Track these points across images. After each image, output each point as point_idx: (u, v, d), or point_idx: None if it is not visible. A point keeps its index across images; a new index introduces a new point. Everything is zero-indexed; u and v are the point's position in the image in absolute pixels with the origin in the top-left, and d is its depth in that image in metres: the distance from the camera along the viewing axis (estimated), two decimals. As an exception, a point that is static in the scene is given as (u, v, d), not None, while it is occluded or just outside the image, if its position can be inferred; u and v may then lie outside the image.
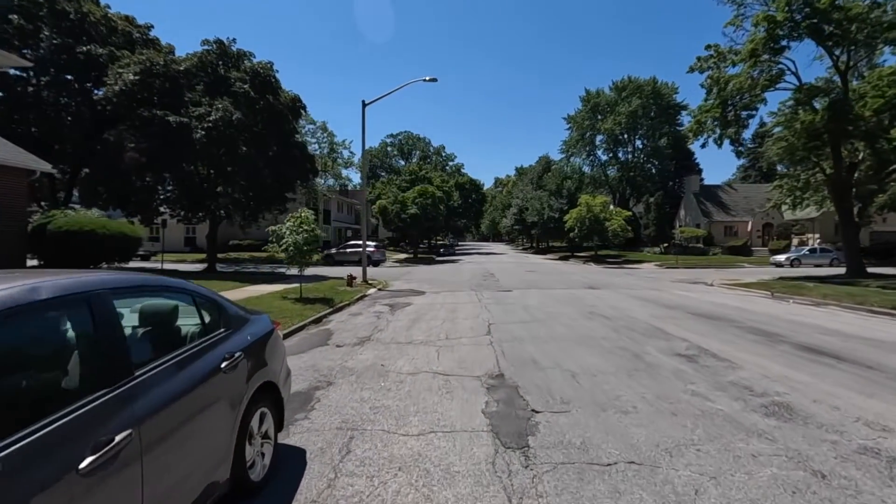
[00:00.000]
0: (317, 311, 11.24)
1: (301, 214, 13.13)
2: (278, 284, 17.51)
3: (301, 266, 13.07)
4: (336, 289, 16.39)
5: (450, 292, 16.38)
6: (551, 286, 18.57)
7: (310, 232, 12.91)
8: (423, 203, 42.32)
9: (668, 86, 60.64)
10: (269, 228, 13.13)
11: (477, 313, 11.23)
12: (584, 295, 15.32)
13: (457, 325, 9.66)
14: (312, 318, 10.46)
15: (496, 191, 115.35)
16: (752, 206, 53.71)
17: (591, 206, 41.94)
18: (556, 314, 10.96)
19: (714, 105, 23.19)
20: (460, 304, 12.96)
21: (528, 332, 8.78)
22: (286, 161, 23.12)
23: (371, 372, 6.07)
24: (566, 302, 13.41)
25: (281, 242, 12.71)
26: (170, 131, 19.23)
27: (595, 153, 67.01)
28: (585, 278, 22.97)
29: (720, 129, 23.74)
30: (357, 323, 10.28)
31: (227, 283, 17.08)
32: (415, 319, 10.49)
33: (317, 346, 7.93)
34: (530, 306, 12.44)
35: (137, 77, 19.66)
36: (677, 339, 8.05)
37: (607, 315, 10.76)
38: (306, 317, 10.44)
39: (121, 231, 14.93)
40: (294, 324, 9.54)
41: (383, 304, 13.41)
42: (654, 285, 19.53)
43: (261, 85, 22.80)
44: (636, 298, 14.33)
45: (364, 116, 19.10)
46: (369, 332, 9.13)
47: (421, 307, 12.55)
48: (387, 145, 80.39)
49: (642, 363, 6.39)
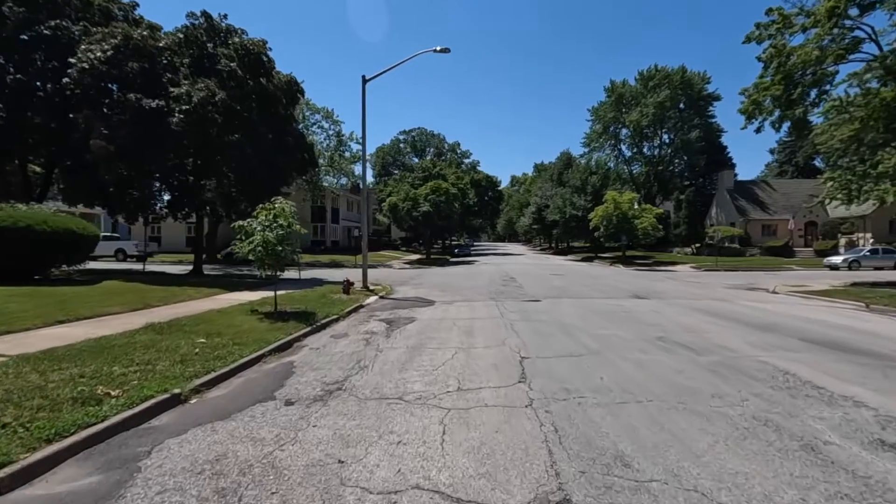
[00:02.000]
0: (287, 332, 8.42)
1: (276, 205, 10.34)
2: (263, 291, 14.81)
3: (273, 270, 10.27)
4: (328, 297, 13.61)
5: (465, 302, 13.45)
6: (586, 294, 15.48)
7: (286, 228, 10.12)
8: (436, 200, 39.42)
9: (698, 75, 56.64)
10: (236, 224, 10.38)
11: (501, 337, 8.27)
12: (632, 307, 12.21)
13: (474, 359, 6.72)
14: (277, 344, 7.64)
15: (513, 189, 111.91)
16: (791, 204, 49.62)
17: (619, 203, 38.54)
18: (612, 340, 7.92)
19: (775, 81, 19.77)
20: (478, 321, 10.00)
21: (582, 376, 5.79)
22: (280, 150, 20.45)
23: (313, 489, 3.17)
24: (615, 318, 10.34)
25: (249, 241, 9.95)
26: (144, 116, 16.70)
27: (619, 147, 63.33)
28: (622, 284, 19.78)
29: (781, 109, 20.31)
30: (336, 352, 7.42)
31: (203, 289, 14.44)
32: (415, 347, 7.58)
33: (257, 400, 5.08)
34: (570, 325, 9.41)
35: (109, 54, 17.19)
36: (837, 397, 4.93)
37: (686, 343, 7.68)
38: (268, 342, 7.63)
39: (67, 228, 12.36)
40: (244, 355, 6.72)
41: (380, 320, 10.54)
42: (710, 293, 16.30)
43: (252, 64, 20.18)
44: (704, 313, 11.18)
45: (364, 94, 16.32)
46: (346, 370, 6.25)
47: (426, 326, 9.64)
48: (399, 142, 77.71)
49: (840, 474, 3.33)
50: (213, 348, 6.91)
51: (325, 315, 10.53)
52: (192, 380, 5.53)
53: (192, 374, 5.70)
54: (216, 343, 7.24)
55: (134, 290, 12.68)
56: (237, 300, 12.48)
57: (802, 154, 61.20)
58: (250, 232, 10.11)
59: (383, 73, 16.46)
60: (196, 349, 6.76)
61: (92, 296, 11.29)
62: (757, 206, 50.24)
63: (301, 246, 22.85)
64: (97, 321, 8.87)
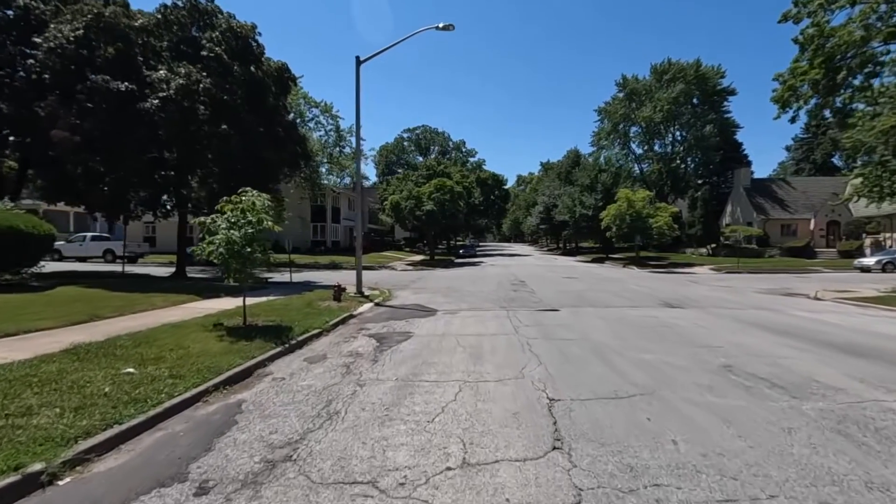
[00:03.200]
0: (248, 356, 6.67)
1: (243, 198, 8.60)
2: (241, 298, 13.10)
3: (241, 277, 8.51)
4: (314, 305, 11.87)
5: (471, 311, 11.65)
6: (609, 301, 13.63)
7: (256, 225, 8.38)
8: (440, 199, 37.61)
9: (713, 69, 54.46)
10: (197, 220, 8.65)
11: (518, 364, 6.47)
12: (669, 319, 10.34)
13: (485, 402, 4.92)
14: (229, 374, 5.90)
15: (519, 189, 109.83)
16: (812, 202, 47.45)
17: (633, 201, 36.54)
18: (664, 370, 6.09)
19: (814, 65, 17.82)
20: (487, 339, 8.20)
21: (646, 437, 3.97)
22: (270, 143, 18.75)
23: None
24: (655, 335, 8.51)
25: (209, 241, 8.22)
26: (114, 102, 15.07)
27: (629, 145, 61.21)
28: (645, 288, 17.90)
29: (820, 95, 18.35)
30: (303, 386, 5.66)
31: (174, 295, 12.70)
32: (407, 379, 5.80)
33: (159, 481, 3.33)
34: (603, 346, 7.59)
35: (79, 34, 15.57)
36: None
37: (766, 376, 5.80)
38: (219, 370, 5.90)
39: (11, 226, 10.70)
40: (176, 394, 4.99)
41: (369, 336, 8.78)
42: (747, 300, 14.40)
43: (239, 50, 18.53)
44: (761, 328, 9.31)
45: (358, 76, 14.56)
46: (308, 419, 4.49)
47: (424, 345, 7.85)
48: (403, 140, 75.98)
49: None
50: (136, 384, 5.18)
51: (305, 329, 8.78)
52: (77, 442, 3.79)
53: (83, 431, 3.96)
54: (145, 375, 5.50)
55: (88, 298, 11.01)
56: (208, 309, 10.76)
57: (821, 151, 58.86)
58: (214, 231, 8.39)
59: (379, 53, 14.73)
60: (109, 387, 5.01)
61: (32, 306, 9.62)
62: (776, 205, 48.07)
63: (292, 246, 21.31)
64: (15, 340, 7.17)
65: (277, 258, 27.80)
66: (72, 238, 31.89)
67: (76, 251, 30.50)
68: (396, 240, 65.04)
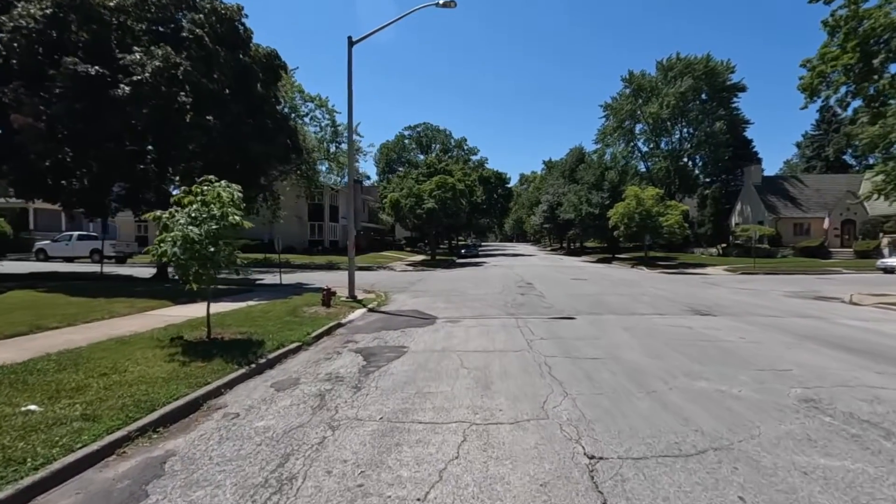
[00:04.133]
0: (199, 382, 5.32)
1: (204, 188, 7.24)
2: (228, 303, 11.81)
3: (203, 282, 7.13)
4: (298, 312, 10.52)
5: (475, 320, 10.27)
6: (630, 308, 12.23)
7: (220, 220, 7.02)
8: (441, 196, 36.20)
9: (722, 64, 52.85)
10: (151, 215, 7.30)
11: (539, 396, 5.08)
12: (706, 330, 8.92)
13: (498, 463, 3.55)
14: (167, 410, 4.55)
15: (521, 188, 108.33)
16: (825, 200, 45.95)
17: (642, 200, 35.10)
18: (730, 405, 4.69)
19: (847, 49, 16.38)
20: (496, 358, 6.81)
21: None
22: (257, 134, 17.39)
23: None
24: (698, 352, 7.11)
25: (160, 238, 6.86)
26: (83, 87, 13.74)
27: (635, 143, 59.65)
28: (664, 292, 16.49)
29: (854, 83, 16.91)
30: (257, 431, 4.28)
31: (142, 300, 11.40)
32: (395, 420, 4.42)
33: None
34: (639, 367, 6.20)
35: (48, 12, 14.25)
36: None
37: (871, 419, 4.33)
38: (153, 406, 4.54)
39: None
40: (78, 446, 3.64)
41: (356, 351, 7.41)
42: (780, 305, 13.00)
43: (224, 33, 17.18)
44: (819, 342, 7.89)
45: (350, 58, 13.20)
46: (249, 494, 3.12)
47: (420, 365, 6.48)
48: (404, 138, 74.57)
49: None
50: (28, 429, 3.84)
51: (280, 343, 7.42)
52: None
53: None
54: (48, 415, 4.16)
55: (39, 305, 9.67)
56: (175, 318, 9.41)
57: (833, 147, 57.23)
58: (170, 227, 7.03)
59: (374, 32, 13.35)
60: (-19, 439, 3.66)
61: (-35, 314, 8.29)
62: (788, 203, 46.56)
63: (282, 246, 19.94)
64: (-86, 361, 5.82)
65: (273, 258, 26.49)
66: (58, 237, 30.63)
67: (62, 251, 29.25)
68: (397, 239, 63.72)
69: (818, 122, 63.70)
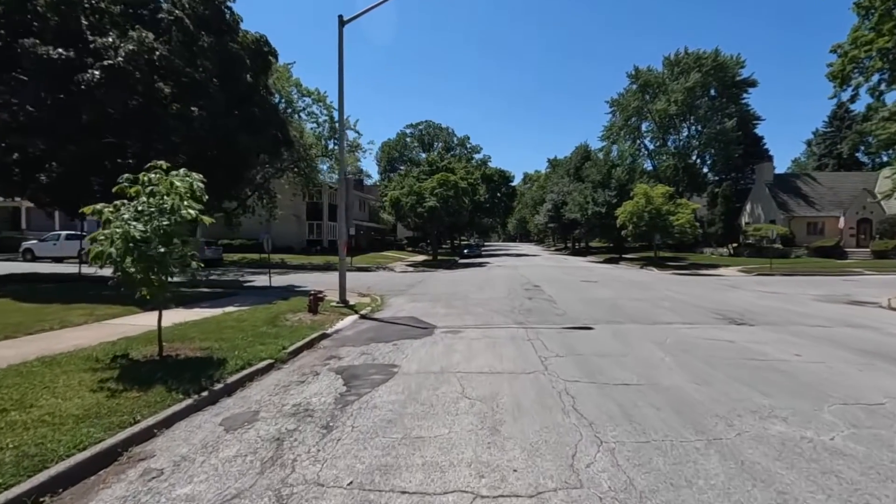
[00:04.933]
0: (121, 423, 4.09)
1: (152, 175, 6.03)
2: (211, 309, 10.62)
3: (151, 289, 5.89)
4: (279, 320, 9.30)
5: (479, 330, 9.01)
6: (652, 315, 10.93)
7: (171, 214, 5.80)
8: (443, 194, 34.95)
9: (732, 58, 51.38)
10: (89, 208, 6.08)
11: (566, 446, 3.82)
12: (754, 346, 7.62)
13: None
14: (56, 472, 3.31)
15: (525, 187, 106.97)
16: (840, 199, 44.49)
17: (652, 198, 33.76)
18: (833, 468, 3.38)
19: (885, 31, 15.04)
20: (505, 385, 5.54)
21: None
22: (245, 126, 16.18)
23: None
24: (755, 378, 5.83)
25: (93, 236, 5.66)
26: (49, 72, 12.56)
27: (642, 140, 58.24)
28: (683, 296, 15.19)
29: (892, 68, 15.59)
30: (176, 501, 3.05)
31: (108, 307, 10.24)
32: (367, 492, 3.18)
33: None
34: (688, 401, 4.93)
35: (13, -7, 13.09)
36: None
37: None
38: (46, 461, 3.33)
39: None
40: None
41: (335, 373, 6.16)
42: (815, 311, 11.70)
43: (209, 17, 15.99)
44: (889, 360, 6.63)
45: (342, 39, 11.96)
46: None
47: (412, 396, 5.21)
48: (405, 136, 73.33)
49: None
50: None
51: (246, 362, 6.18)
52: None
53: None
54: None
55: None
56: (133, 329, 8.20)
57: (847, 144, 55.63)
58: (110, 219, 5.83)
59: (366, 11, 12.10)
60: None
61: None
62: (801, 202, 45.11)
63: (280, 245, 18.79)
64: None
65: (274, 258, 25.32)
66: (45, 237, 29.55)
67: (50, 251, 28.18)
68: (398, 239, 62.55)
69: (830, 119, 62.18)
